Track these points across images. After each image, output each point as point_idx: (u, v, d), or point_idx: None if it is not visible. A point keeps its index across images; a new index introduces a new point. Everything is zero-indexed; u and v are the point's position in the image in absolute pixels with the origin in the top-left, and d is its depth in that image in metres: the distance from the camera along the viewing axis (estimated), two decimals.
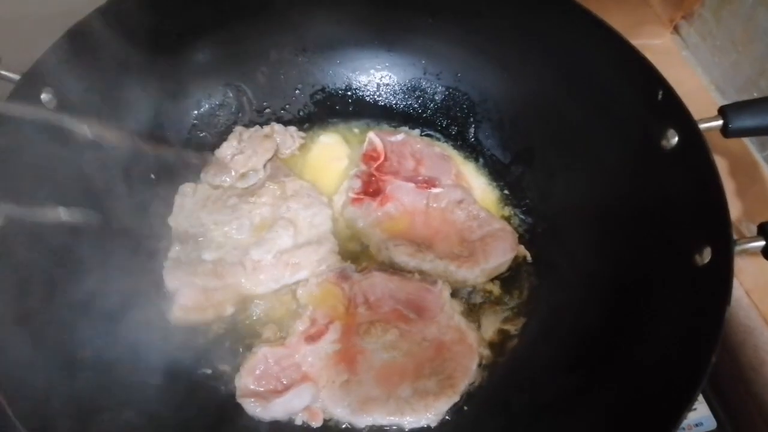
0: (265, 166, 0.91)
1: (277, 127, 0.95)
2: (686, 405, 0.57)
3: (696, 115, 0.74)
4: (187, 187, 0.87)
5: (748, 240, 0.66)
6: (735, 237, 0.66)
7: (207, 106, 0.94)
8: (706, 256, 0.67)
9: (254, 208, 0.85)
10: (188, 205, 0.84)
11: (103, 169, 0.77)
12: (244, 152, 0.90)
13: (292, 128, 0.96)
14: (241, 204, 0.85)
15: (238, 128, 0.93)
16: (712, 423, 0.80)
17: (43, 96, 0.73)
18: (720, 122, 0.75)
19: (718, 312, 0.61)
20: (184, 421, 0.70)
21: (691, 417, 0.80)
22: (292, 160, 0.95)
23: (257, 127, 0.94)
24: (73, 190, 0.74)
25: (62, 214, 0.72)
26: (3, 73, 0.71)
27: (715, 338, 0.59)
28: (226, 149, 0.91)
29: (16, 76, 0.71)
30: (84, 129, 0.75)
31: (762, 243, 0.66)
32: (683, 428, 0.79)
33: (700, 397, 0.81)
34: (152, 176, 0.86)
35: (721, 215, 0.67)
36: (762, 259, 0.80)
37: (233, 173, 0.89)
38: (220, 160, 0.90)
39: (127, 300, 0.73)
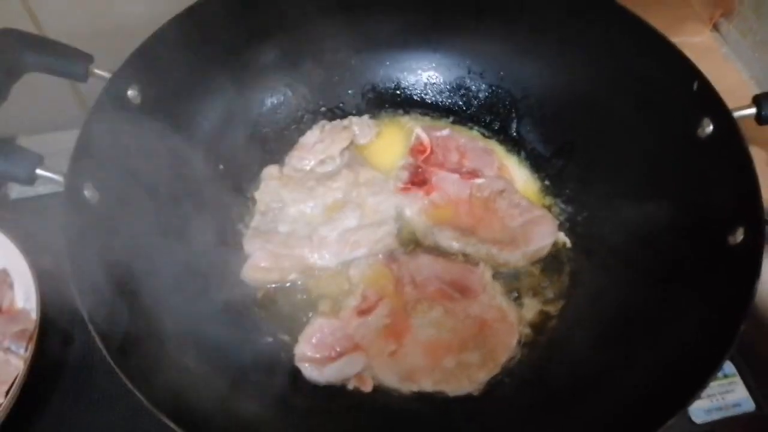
0: (342, 153, 1.00)
1: (355, 119, 1.04)
2: (714, 369, 0.60)
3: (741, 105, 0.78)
4: (273, 168, 0.97)
5: None
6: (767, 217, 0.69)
7: (269, 104, 1.03)
8: (739, 235, 0.70)
9: (329, 191, 0.95)
10: (273, 184, 0.95)
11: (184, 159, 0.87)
12: (324, 141, 1.00)
13: (367, 118, 1.05)
14: (318, 186, 0.95)
15: (322, 121, 1.04)
16: (751, 405, 0.82)
17: (130, 92, 0.82)
18: (754, 110, 0.78)
19: (749, 284, 0.64)
20: (248, 382, 0.77)
21: (729, 398, 0.82)
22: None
23: (338, 120, 1.03)
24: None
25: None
26: (96, 71, 0.82)
27: (744, 307, 0.63)
28: (310, 137, 1.01)
29: (107, 75, 0.80)
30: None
31: None
32: (721, 408, 0.82)
33: (738, 379, 0.83)
34: (221, 167, 0.95)
35: (752, 196, 0.70)
36: None
37: (314, 159, 0.99)
38: (303, 147, 1.00)
39: (212, 266, 0.84)
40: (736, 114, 0.77)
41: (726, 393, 0.83)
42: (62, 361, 0.90)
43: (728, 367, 0.84)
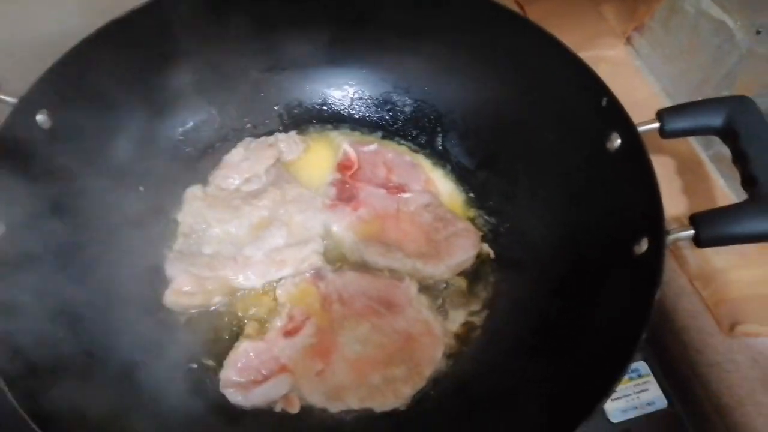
0: (268, 171, 0.98)
1: (281, 136, 1.03)
2: (622, 371, 0.64)
3: (646, 120, 0.82)
4: (196, 189, 0.95)
5: (679, 229, 0.73)
6: (668, 228, 0.73)
7: (192, 123, 1.01)
8: (644, 245, 0.74)
9: (255, 210, 0.94)
10: (196, 204, 0.93)
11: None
12: (249, 159, 0.99)
13: (293, 134, 1.04)
14: (244, 205, 0.94)
15: (247, 138, 1.02)
16: (663, 402, 0.86)
17: (39, 117, 0.79)
18: (657, 125, 0.82)
19: (651, 292, 0.67)
20: (172, 411, 0.76)
21: (644, 397, 0.86)
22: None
23: (264, 137, 1.02)
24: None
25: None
26: (2, 97, 0.78)
27: (646, 314, 0.66)
28: (235, 156, 1.00)
29: (14, 100, 0.77)
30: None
31: (692, 232, 0.73)
32: (636, 407, 0.86)
33: (652, 378, 0.87)
34: (141, 188, 0.93)
35: (655, 208, 0.73)
36: (703, 251, 0.88)
37: (239, 177, 0.97)
38: (228, 165, 0.99)
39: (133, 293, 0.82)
40: (641, 128, 0.81)
41: (641, 392, 0.87)
42: None
43: (642, 367, 0.89)
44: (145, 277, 0.87)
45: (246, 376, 0.80)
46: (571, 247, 0.87)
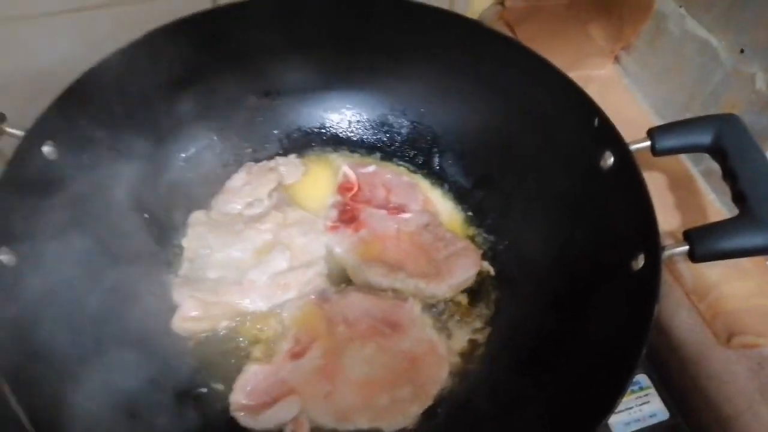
0: (270, 195, 1.00)
1: (281, 159, 1.05)
2: (624, 387, 0.65)
3: (636, 137, 0.84)
4: (200, 214, 0.96)
5: (674, 245, 0.75)
6: (664, 244, 0.75)
7: (193, 149, 1.02)
8: (640, 261, 0.76)
9: (257, 234, 0.95)
10: (200, 230, 0.94)
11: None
12: (251, 183, 1.01)
13: (293, 157, 1.06)
14: (247, 230, 0.95)
15: (248, 163, 1.04)
16: (665, 414, 0.88)
17: (45, 149, 0.80)
18: (648, 143, 0.85)
19: (649, 307, 0.69)
20: None
21: (646, 410, 0.88)
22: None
23: (265, 161, 1.04)
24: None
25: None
26: (9, 130, 0.79)
27: (646, 328, 0.68)
28: (236, 180, 1.01)
29: (21, 133, 0.79)
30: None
31: (686, 247, 0.75)
32: (639, 420, 0.87)
33: (653, 391, 0.89)
34: (146, 216, 0.94)
35: (650, 225, 0.76)
36: (699, 265, 0.90)
37: (241, 202, 0.99)
38: (230, 190, 1.00)
39: (140, 319, 0.83)
40: (633, 147, 0.83)
41: (643, 405, 0.89)
42: None
43: (644, 380, 0.90)
44: (153, 303, 0.88)
45: (255, 399, 0.80)
46: (568, 264, 0.89)
